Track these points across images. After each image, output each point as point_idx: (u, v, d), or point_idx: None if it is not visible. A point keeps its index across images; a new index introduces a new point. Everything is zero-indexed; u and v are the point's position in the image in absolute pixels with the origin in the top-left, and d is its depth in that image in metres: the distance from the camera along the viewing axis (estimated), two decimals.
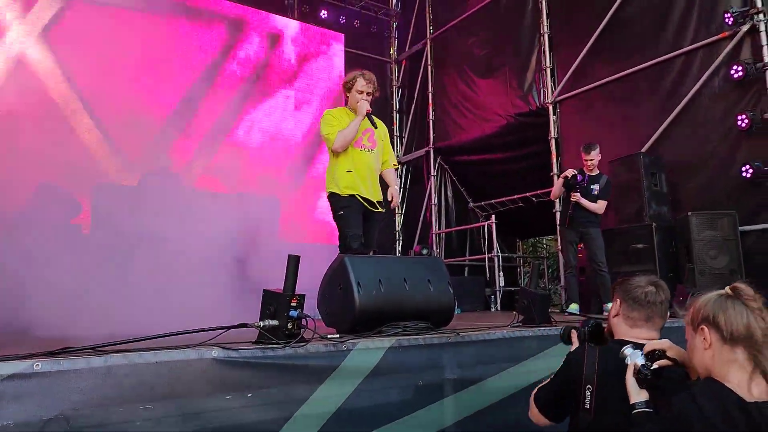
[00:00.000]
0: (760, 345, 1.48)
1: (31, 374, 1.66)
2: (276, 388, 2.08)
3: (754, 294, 1.55)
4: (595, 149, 5.59)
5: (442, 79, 10.00)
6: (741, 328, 1.50)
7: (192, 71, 8.89)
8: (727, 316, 1.54)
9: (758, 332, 1.49)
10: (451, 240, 9.97)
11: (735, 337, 1.51)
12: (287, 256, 2.42)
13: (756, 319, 1.50)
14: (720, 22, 5.66)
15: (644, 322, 1.93)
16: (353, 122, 3.76)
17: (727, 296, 1.57)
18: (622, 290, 2.02)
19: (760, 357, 1.48)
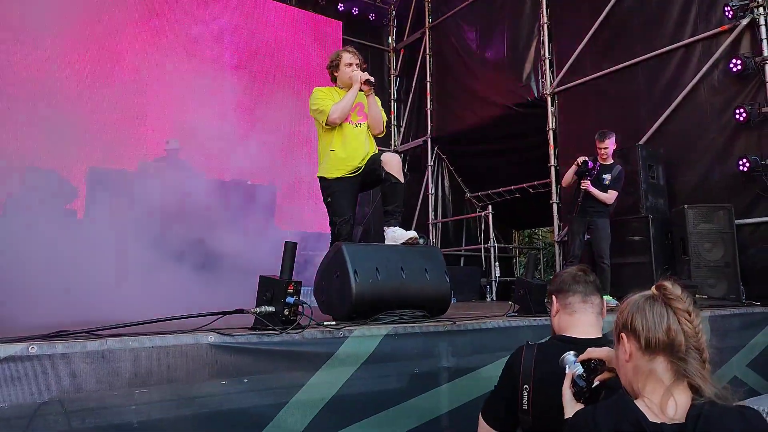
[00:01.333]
0: (683, 353, 1.27)
1: (26, 357, 1.65)
2: (272, 374, 2.08)
3: (681, 293, 1.33)
4: (610, 137, 5.42)
5: (441, 69, 9.96)
6: (660, 334, 1.29)
7: (188, 58, 8.81)
8: (644, 320, 1.33)
9: (680, 337, 1.28)
10: (447, 230, 9.98)
11: (653, 345, 1.30)
12: (284, 243, 2.41)
13: (680, 322, 1.29)
14: (720, 15, 5.65)
15: (582, 303, 1.84)
16: (350, 92, 3.61)
17: (648, 297, 1.36)
18: (554, 285, 1.95)
19: (682, 367, 1.27)
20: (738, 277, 5.04)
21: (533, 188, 8.71)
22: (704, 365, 1.28)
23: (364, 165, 3.64)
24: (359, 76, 3.62)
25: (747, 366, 4.07)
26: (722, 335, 3.93)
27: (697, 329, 1.29)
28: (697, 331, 1.29)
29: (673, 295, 1.33)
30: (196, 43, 8.86)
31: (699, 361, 1.28)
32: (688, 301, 1.32)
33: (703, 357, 1.28)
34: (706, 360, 1.29)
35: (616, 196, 5.40)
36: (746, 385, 4.01)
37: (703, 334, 1.30)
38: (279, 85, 9.64)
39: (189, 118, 8.95)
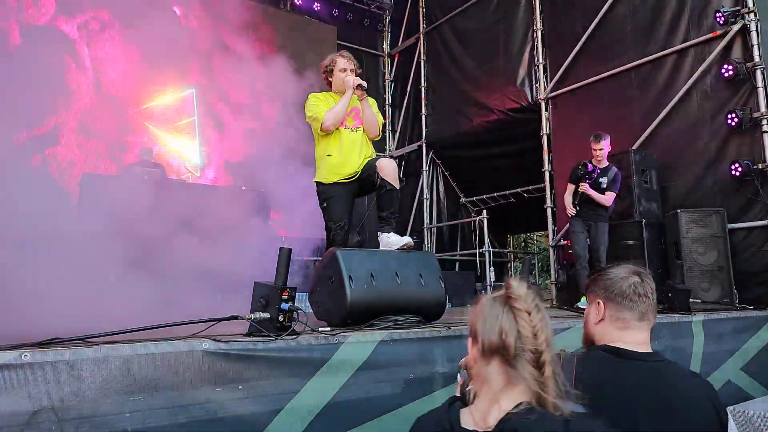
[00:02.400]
0: (514, 356, 1.18)
1: (19, 365, 1.64)
2: (267, 380, 2.07)
3: (525, 293, 1.24)
4: (605, 139, 5.41)
5: (435, 74, 10.00)
6: (493, 336, 1.21)
7: (181, 62, 8.81)
8: (483, 323, 1.25)
9: (511, 339, 1.18)
10: (442, 235, 10.00)
11: (487, 348, 1.22)
12: (278, 249, 2.41)
13: (517, 323, 1.20)
14: (711, 21, 5.70)
15: (638, 321, 1.61)
16: (344, 98, 3.60)
17: (492, 298, 1.28)
18: (602, 288, 1.68)
19: (512, 371, 1.18)
20: (731, 281, 5.07)
21: (528, 193, 8.74)
22: (542, 369, 1.18)
23: (361, 171, 3.65)
24: (351, 81, 3.61)
25: (741, 369, 4.08)
26: (716, 339, 3.95)
27: (536, 330, 1.19)
28: (535, 332, 1.19)
29: (514, 294, 1.24)
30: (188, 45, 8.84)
31: (534, 364, 1.18)
32: (530, 300, 1.23)
33: (541, 360, 1.18)
34: (546, 363, 1.18)
35: (614, 197, 5.40)
36: (740, 388, 4.03)
37: (543, 334, 1.20)
38: (273, 89, 9.63)
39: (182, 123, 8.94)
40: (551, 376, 1.18)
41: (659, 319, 3.71)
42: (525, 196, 8.82)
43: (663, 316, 3.84)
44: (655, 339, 3.56)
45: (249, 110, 9.41)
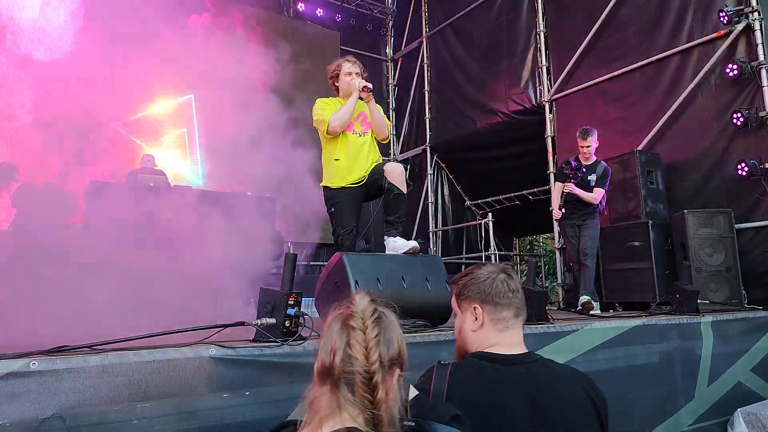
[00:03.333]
0: (339, 378, 1.09)
1: (27, 373, 1.64)
2: (274, 386, 2.07)
3: (364, 309, 1.15)
4: (592, 135, 5.32)
5: (439, 77, 10.01)
6: (326, 356, 1.12)
7: (183, 67, 8.84)
8: (323, 341, 1.17)
9: (338, 359, 1.10)
10: (447, 238, 9.99)
11: (321, 371, 1.13)
12: (284, 254, 2.41)
13: (348, 342, 1.11)
14: (715, 21, 5.68)
15: (515, 318, 1.61)
16: (350, 99, 3.61)
17: (337, 315, 1.18)
18: (477, 292, 1.62)
19: (339, 395, 1.10)
20: (739, 282, 5.04)
21: (533, 195, 8.72)
22: (374, 391, 1.08)
23: (368, 175, 3.64)
24: (357, 83, 3.62)
25: (751, 371, 4.05)
26: (725, 340, 3.92)
27: (369, 349, 1.10)
28: (367, 352, 1.09)
29: (351, 310, 1.15)
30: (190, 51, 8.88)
31: (365, 387, 1.08)
32: (368, 316, 1.13)
33: (372, 382, 1.08)
34: (378, 384, 1.08)
35: (603, 194, 5.31)
36: (751, 390, 4.00)
37: (376, 353, 1.10)
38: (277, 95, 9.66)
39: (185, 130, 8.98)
40: (383, 399, 1.08)
41: (668, 321, 3.69)
42: (530, 198, 8.80)
43: (671, 317, 3.81)
44: (664, 341, 3.55)
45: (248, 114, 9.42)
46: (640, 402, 3.33)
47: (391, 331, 1.17)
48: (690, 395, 3.59)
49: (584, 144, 5.29)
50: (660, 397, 3.44)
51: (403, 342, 1.20)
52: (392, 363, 1.14)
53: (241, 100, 9.09)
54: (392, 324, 1.19)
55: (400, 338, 1.19)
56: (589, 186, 5.26)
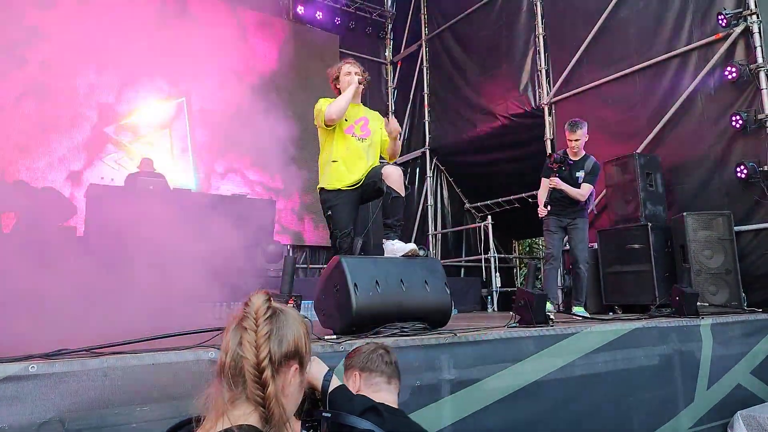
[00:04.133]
0: (230, 374, 1.13)
1: (26, 376, 1.64)
2: None
3: (259, 307, 1.16)
4: (581, 127, 5.02)
5: (438, 81, 10.02)
6: (222, 355, 1.16)
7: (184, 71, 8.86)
8: (222, 341, 1.19)
9: (228, 358, 1.14)
10: (447, 241, 9.99)
11: (218, 370, 1.17)
12: (284, 257, 2.41)
13: (240, 341, 1.13)
14: (714, 23, 5.68)
15: (387, 384, 1.95)
16: (347, 91, 3.61)
17: (235, 315, 1.21)
18: (358, 362, 1.97)
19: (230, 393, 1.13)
20: (739, 284, 5.04)
21: (532, 198, 8.71)
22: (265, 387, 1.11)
23: (365, 177, 3.65)
24: (355, 78, 3.68)
25: (750, 373, 4.05)
26: (725, 343, 3.92)
27: (259, 346, 1.12)
28: (257, 349, 1.12)
29: (246, 310, 1.17)
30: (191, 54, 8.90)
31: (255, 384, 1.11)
32: (261, 314, 1.16)
33: (263, 378, 1.11)
34: (268, 382, 1.11)
35: (592, 190, 5.08)
36: (750, 392, 4.00)
37: (265, 350, 1.12)
38: (277, 99, 9.68)
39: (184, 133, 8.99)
40: (273, 395, 1.11)
41: (668, 323, 3.69)
42: (529, 201, 8.80)
43: (671, 320, 3.81)
44: (664, 343, 3.55)
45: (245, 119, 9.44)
46: (639, 405, 3.33)
47: (286, 328, 1.19)
48: (690, 398, 3.59)
49: (572, 137, 5.03)
50: (660, 399, 3.44)
51: (300, 338, 1.23)
52: (287, 359, 1.18)
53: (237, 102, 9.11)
54: (288, 321, 1.22)
55: (297, 334, 1.22)
56: (576, 183, 5.03)
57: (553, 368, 2.97)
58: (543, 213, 5.07)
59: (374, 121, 3.86)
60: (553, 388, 2.94)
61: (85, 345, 1.93)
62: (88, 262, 4.58)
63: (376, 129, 3.85)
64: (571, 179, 5.05)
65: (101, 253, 4.89)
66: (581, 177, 5.05)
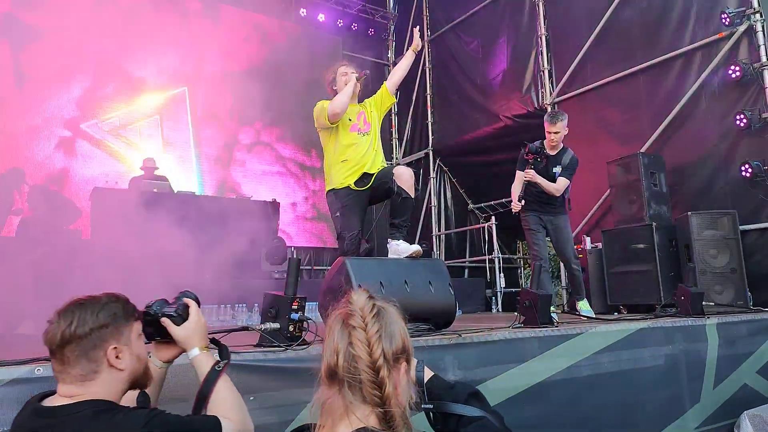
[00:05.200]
0: (347, 377, 1.09)
1: (33, 379, 1.65)
2: (278, 391, 2.07)
3: (363, 305, 1.15)
4: (562, 119, 4.70)
5: (441, 81, 10.02)
6: (330, 357, 1.13)
7: (187, 73, 8.90)
8: (325, 345, 1.17)
9: (340, 360, 1.10)
10: (451, 242, 9.98)
11: (327, 373, 1.14)
12: (288, 260, 2.41)
13: (351, 341, 1.11)
14: (717, 22, 5.67)
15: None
16: (347, 87, 3.63)
17: (337, 314, 1.19)
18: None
19: (349, 395, 1.09)
20: (745, 284, 5.02)
21: None
22: (380, 389, 1.08)
23: (374, 179, 3.65)
24: (353, 77, 3.69)
25: (757, 373, 4.03)
26: (731, 342, 3.90)
27: (372, 346, 1.10)
28: (370, 349, 1.10)
29: (350, 308, 1.15)
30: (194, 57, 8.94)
31: (372, 384, 1.08)
32: (368, 312, 1.14)
33: (379, 378, 1.08)
34: (384, 381, 1.08)
35: (568, 185, 4.77)
36: (757, 392, 3.98)
37: (379, 349, 1.10)
38: (280, 101, 9.69)
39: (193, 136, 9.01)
40: (392, 395, 1.09)
41: (673, 323, 3.67)
42: None
43: (676, 320, 3.80)
44: (669, 343, 3.54)
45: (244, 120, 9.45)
46: (645, 405, 3.31)
47: (393, 325, 1.16)
48: (696, 398, 3.58)
49: (552, 129, 4.68)
50: (666, 399, 3.43)
51: (406, 334, 1.20)
52: (397, 357, 1.14)
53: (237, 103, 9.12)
54: (393, 318, 1.19)
55: (403, 331, 1.19)
56: (553, 178, 4.70)
57: (558, 369, 2.96)
58: (517, 208, 4.69)
59: (369, 109, 3.86)
60: (558, 388, 2.93)
61: None
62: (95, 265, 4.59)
63: (373, 114, 3.85)
64: (547, 174, 4.71)
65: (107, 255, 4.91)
66: (558, 172, 4.73)
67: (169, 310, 1.52)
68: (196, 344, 1.52)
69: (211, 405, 1.41)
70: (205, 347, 1.53)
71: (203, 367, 1.48)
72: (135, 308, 1.42)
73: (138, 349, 1.38)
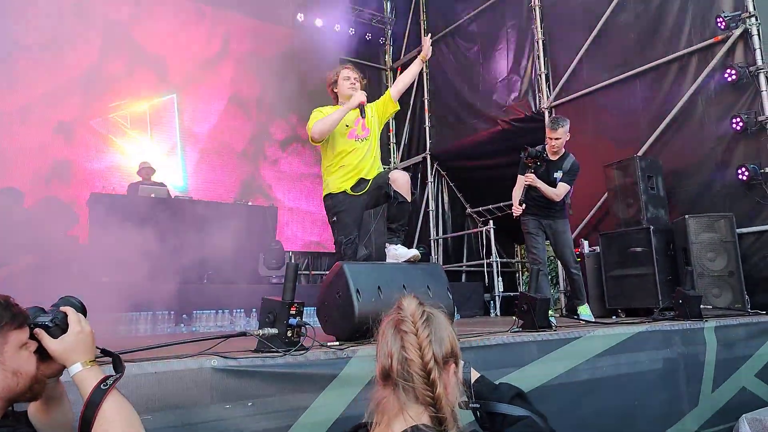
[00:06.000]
0: (401, 378, 1.18)
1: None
2: (276, 396, 2.06)
3: (413, 311, 1.24)
4: (563, 125, 4.67)
5: (438, 86, 10.04)
6: (384, 360, 1.21)
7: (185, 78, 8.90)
8: (379, 347, 1.26)
9: (396, 362, 1.19)
10: (448, 246, 9.98)
11: (381, 374, 1.23)
12: (286, 264, 2.41)
13: (403, 345, 1.20)
14: (713, 26, 5.70)
15: None
16: (340, 110, 3.56)
17: (389, 320, 1.28)
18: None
19: (402, 395, 1.18)
20: (742, 286, 5.02)
21: None
22: (433, 387, 1.17)
23: (371, 184, 3.64)
24: (357, 98, 3.59)
25: (755, 376, 4.03)
26: (729, 345, 3.90)
27: (423, 350, 1.19)
28: (422, 352, 1.18)
29: (402, 315, 1.25)
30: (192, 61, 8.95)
31: (424, 385, 1.17)
32: (418, 318, 1.23)
33: (431, 379, 1.17)
34: (435, 381, 1.17)
35: (569, 190, 4.75)
36: (755, 395, 3.98)
37: (430, 352, 1.19)
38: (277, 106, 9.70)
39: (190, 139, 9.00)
40: (443, 395, 1.18)
41: (671, 327, 3.67)
42: None
43: (674, 323, 3.80)
44: (667, 347, 3.54)
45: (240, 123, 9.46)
46: (644, 409, 3.31)
47: (442, 330, 1.25)
48: (694, 401, 3.57)
49: (553, 136, 4.66)
50: (664, 403, 3.42)
51: (454, 338, 1.28)
52: (446, 359, 1.23)
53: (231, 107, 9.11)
54: (441, 323, 1.27)
55: (451, 335, 1.28)
56: (554, 183, 4.71)
57: (556, 373, 2.96)
58: (518, 212, 4.70)
59: (370, 114, 3.83)
60: (557, 392, 2.93)
61: None
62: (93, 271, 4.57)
63: (373, 121, 3.83)
64: (548, 179, 4.73)
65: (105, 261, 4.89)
66: (559, 177, 4.74)
67: (42, 319, 1.31)
68: (77, 359, 1.31)
69: (96, 430, 1.23)
70: (90, 361, 1.33)
71: (86, 387, 1.27)
72: (18, 315, 1.25)
73: (15, 363, 1.22)
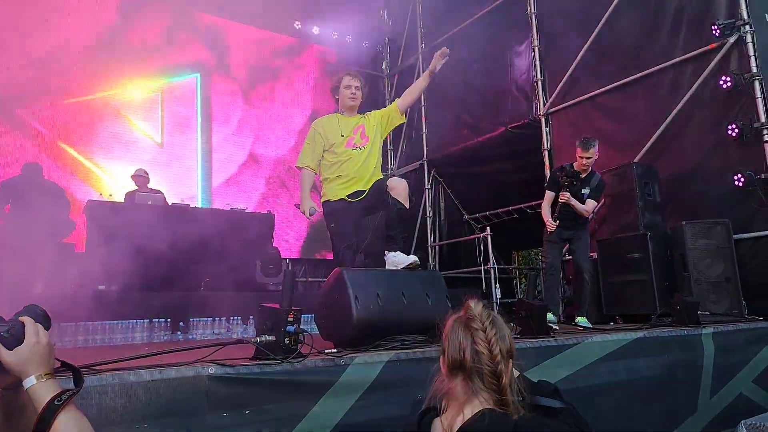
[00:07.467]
0: (471, 371, 1.37)
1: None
2: (274, 404, 2.05)
3: (481, 312, 1.44)
4: (594, 146, 5.02)
5: (435, 92, 10.05)
6: (456, 354, 1.40)
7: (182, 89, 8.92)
8: (448, 343, 1.44)
9: (468, 356, 1.38)
10: (446, 252, 9.97)
11: (451, 366, 1.41)
12: (283, 271, 2.40)
13: (474, 341, 1.38)
14: (708, 33, 5.73)
15: None
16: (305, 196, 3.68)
17: (456, 319, 1.47)
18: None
19: (472, 384, 1.37)
20: (739, 292, 5.03)
21: (531, 209, 8.72)
22: (500, 378, 1.35)
23: (369, 191, 3.64)
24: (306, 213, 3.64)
25: (752, 382, 4.03)
26: (726, 351, 3.90)
27: (491, 345, 1.37)
28: (490, 347, 1.37)
29: (470, 314, 1.43)
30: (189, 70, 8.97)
31: (492, 376, 1.36)
32: (485, 318, 1.42)
33: (497, 371, 1.36)
34: (502, 373, 1.36)
35: (596, 206, 5.22)
36: (753, 401, 3.98)
37: (497, 347, 1.37)
38: (275, 113, 9.72)
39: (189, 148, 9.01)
40: (508, 385, 1.36)
41: (669, 333, 3.67)
42: (528, 211, 8.81)
43: (672, 329, 3.80)
44: (665, 353, 3.53)
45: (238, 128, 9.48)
46: (642, 415, 3.31)
47: (504, 330, 1.44)
48: (693, 408, 3.57)
49: (585, 155, 5.02)
50: (662, 409, 3.42)
51: (511, 337, 1.46)
52: (508, 355, 1.41)
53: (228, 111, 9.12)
54: (503, 324, 1.46)
55: (509, 335, 1.46)
56: (582, 199, 5.08)
57: (554, 379, 2.95)
58: (552, 227, 5.03)
59: (372, 122, 3.85)
60: None
61: (83, 362, 1.92)
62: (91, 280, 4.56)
63: (375, 129, 3.83)
64: (577, 195, 5.06)
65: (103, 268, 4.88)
66: (587, 194, 5.09)
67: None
68: (32, 371, 1.22)
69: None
70: (47, 374, 1.24)
71: (39, 402, 1.19)
72: None
73: None
